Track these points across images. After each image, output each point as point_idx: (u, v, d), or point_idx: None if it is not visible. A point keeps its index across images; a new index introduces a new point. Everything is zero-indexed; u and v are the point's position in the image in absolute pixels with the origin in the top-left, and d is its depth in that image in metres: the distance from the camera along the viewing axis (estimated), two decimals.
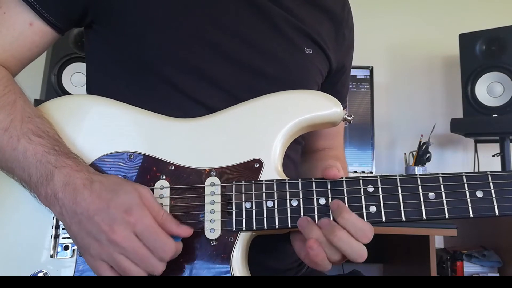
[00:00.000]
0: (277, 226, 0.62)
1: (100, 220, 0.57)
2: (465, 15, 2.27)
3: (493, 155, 1.88)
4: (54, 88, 1.72)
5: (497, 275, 1.65)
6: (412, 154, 1.98)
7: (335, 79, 0.92)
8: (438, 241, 1.91)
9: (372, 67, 2.02)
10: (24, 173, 0.62)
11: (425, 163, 1.91)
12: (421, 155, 1.92)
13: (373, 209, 0.61)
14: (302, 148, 0.88)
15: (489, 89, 1.87)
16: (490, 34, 1.86)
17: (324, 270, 0.62)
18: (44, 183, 0.60)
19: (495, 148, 1.88)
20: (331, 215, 0.61)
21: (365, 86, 2.01)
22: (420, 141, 1.95)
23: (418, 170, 1.89)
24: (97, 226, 0.57)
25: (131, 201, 0.57)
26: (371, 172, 1.95)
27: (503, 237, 1.70)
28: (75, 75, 1.75)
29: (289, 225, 0.62)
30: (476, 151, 2.05)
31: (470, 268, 1.68)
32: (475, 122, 1.85)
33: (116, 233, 0.56)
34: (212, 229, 0.63)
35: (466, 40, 1.91)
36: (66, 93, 1.72)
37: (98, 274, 0.59)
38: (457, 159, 2.21)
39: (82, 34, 1.72)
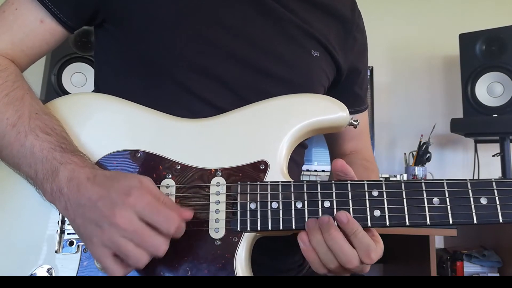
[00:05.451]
0: (281, 227, 0.62)
1: (102, 206, 0.56)
2: (465, 15, 2.28)
3: (493, 155, 1.88)
4: (54, 88, 1.72)
5: (497, 275, 1.65)
6: (412, 154, 1.99)
7: (351, 81, 0.93)
8: (438, 241, 1.91)
9: (372, 67, 2.02)
10: (30, 169, 0.62)
11: (425, 163, 1.91)
12: (421, 155, 1.92)
13: (377, 213, 0.61)
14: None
15: (489, 89, 1.87)
16: (490, 34, 1.87)
17: (317, 271, 0.62)
18: (49, 179, 0.60)
19: (495, 148, 1.89)
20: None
21: None
22: (420, 141, 1.95)
23: (418, 170, 1.89)
24: (99, 212, 0.56)
25: (130, 184, 0.57)
26: None
27: (503, 237, 1.70)
28: (75, 75, 1.75)
29: (293, 227, 0.62)
30: (476, 151, 2.05)
31: (470, 268, 1.69)
32: (475, 122, 1.86)
33: (116, 216, 0.55)
34: (217, 228, 0.63)
35: (466, 40, 1.92)
36: (66, 93, 1.71)
37: (100, 262, 0.58)
38: (457, 159, 2.22)
39: (82, 34, 1.72)
